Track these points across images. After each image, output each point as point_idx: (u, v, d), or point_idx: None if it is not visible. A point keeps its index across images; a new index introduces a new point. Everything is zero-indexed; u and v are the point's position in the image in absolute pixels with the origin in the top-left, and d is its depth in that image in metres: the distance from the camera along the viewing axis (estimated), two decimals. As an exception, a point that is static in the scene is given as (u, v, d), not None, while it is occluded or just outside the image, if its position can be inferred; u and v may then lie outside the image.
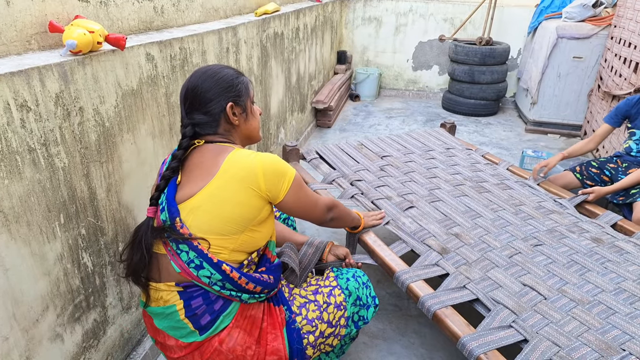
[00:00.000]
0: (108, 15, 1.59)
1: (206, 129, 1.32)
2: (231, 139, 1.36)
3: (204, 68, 1.34)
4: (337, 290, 1.50)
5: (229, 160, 1.26)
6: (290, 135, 3.80)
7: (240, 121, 1.35)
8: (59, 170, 1.28)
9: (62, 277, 1.34)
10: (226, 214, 1.25)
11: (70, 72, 1.26)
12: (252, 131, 1.42)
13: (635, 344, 1.33)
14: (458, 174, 2.42)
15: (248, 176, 1.25)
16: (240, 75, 1.36)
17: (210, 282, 1.24)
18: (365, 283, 1.58)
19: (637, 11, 3.61)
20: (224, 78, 1.32)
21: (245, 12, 2.87)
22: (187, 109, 1.31)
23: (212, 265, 1.23)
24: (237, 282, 1.26)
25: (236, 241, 1.28)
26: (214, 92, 1.30)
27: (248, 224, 1.28)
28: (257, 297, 1.33)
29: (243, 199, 1.25)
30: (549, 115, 4.70)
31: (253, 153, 1.29)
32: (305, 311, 1.42)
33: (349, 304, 1.50)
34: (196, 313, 1.25)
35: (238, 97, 1.33)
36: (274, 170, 1.29)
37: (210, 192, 1.24)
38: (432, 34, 5.71)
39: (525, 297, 1.52)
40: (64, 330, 1.37)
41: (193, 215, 1.24)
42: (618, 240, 1.88)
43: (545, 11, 4.94)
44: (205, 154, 1.30)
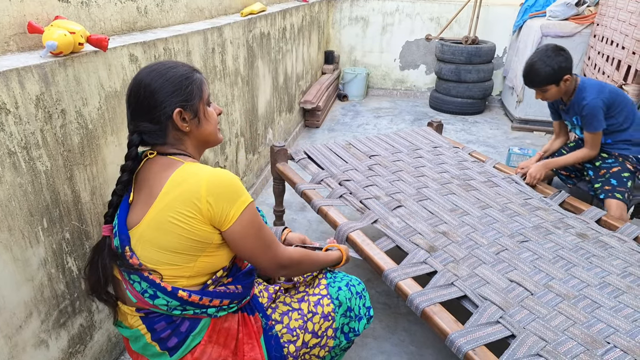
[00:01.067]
0: (90, 15, 1.57)
1: (153, 138, 1.18)
2: (182, 148, 1.21)
3: (154, 65, 1.20)
4: (326, 299, 1.39)
5: (172, 179, 1.12)
6: (279, 135, 3.79)
7: (191, 127, 1.20)
8: (41, 174, 1.26)
9: (47, 282, 1.33)
10: (169, 245, 1.13)
11: (50, 73, 1.25)
12: (208, 136, 1.26)
13: (619, 336, 1.35)
14: (445, 172, 2.43)
15: (189, 200, 1.10)
16: (192, 73, 1.21)
17: (168, 308, 1.17)
18: (359, 293, 1.47)
19: (618, 9, 3.66)
20: (172, 78, 1.16)
21: (231, 12, 2.86)
22: (131, 113, 1.18)
23: (167, 294, 1.14)
24: (198, 303, 1.17)
25: (192, 269, 1.17)
26: (160, 96, 1.14)
27: (200, 252, 1.16)
28: (226, 308, 1.24)
29: (185, 227, 1.11)
30: (535, 113, 4.74)
31: (202, 171, 1.14)
32: (287, 319, 1.35)
33: (339, 315, 1.40)
34: (162, 337, 1.19)
35: (188, 101, 1.17)
36: (222, 192, 1.12)
37: (151, 220, 1.12)
38: (418, 34, 5.74)
39: (512, 293, 1.53)
40: (49, 336, 1.35)
41: (141, 245, 1.14)
42: (602, 235, 1.91)
43: (529, 10, 4.99)
44: (152, 169, 1.18)
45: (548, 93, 2.34)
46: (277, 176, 2.49)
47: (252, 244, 1.20)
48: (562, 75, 2.27)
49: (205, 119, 1.23)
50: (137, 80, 1.16)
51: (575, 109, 2.41)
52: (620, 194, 2.26)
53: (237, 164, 2.81)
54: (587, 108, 2.30)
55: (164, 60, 1.33)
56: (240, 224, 1.15)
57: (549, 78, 2.27)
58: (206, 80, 1.26)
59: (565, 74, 2.28)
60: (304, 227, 2.85)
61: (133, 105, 1.16)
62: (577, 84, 2.38)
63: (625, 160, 2.38)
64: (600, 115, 2.30)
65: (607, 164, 2.41)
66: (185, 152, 1.22)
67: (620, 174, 2.33)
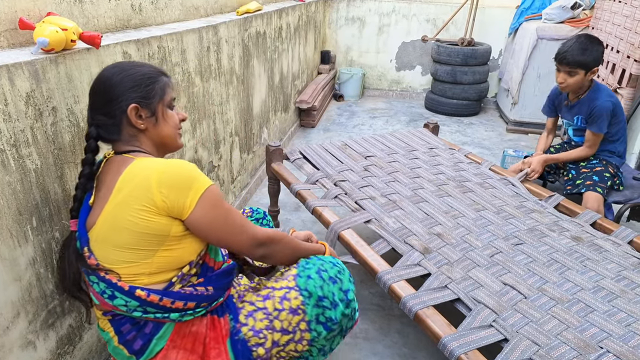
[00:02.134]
0: (83, 12, 1.55)
1: (109, 133, 1.17)
2: (137, 145, 1.20)
3: (121, 62, 1.21)
4: (293, 292, 1.29)
5: (125, 175, 1.11)
6: (274, 135, 3.78)
7: (147, 125, 1.19)
8: (30, 172, 1.24)
9: (35, 282, 1.31)
10: (124, 241, 1.11)
11: (42, 70, 1.23)
12: (165, 138, 1.24)
13: (612, 341, 1.35)
14: (441, 173, 2.42)
15: (141, 193, 1.08)
16: (158, 75, 1.20)
17: (128, 309, 1.14)
18: (333, 277, 1.32)
19: (613, 13, 3.67)
20: (134, 75, 1.16)
21: (226, 11, 2.84)
22: (90, 106, 1.18)
23: (124, 294, 1.12)
24: (158, 304, 1.14)
25: (150, 265, 1.14)
26: (117, 90, 1.14)
27: (157, 247, 1.13)
28: (191, 313, 1.19)
29: (139, 222, 1.09)
30: (530, 115, 4.75)
31: (152, 163, 1.11)
32: (253, 321, 1.27)
33: (310, 307, 1.28)
34: (127, 339, 1.17)
35: (146, 99, 1.16)
36: (174, 181, 1.09)
37: (105, 218, 1.11)
38: (415, 35, 5.74)
39: (506, 297, 1.52)
40: (37, 337, 1.33)
41: (98, 245, 1.13)
42: (597, 238, 1.91)
43: (525, 12, 5.00)
44: (109, 169, 1.17)
45: (573, 78, 2.36)
46: (272, 176, 2.48)
47: (221, 228, 1.17)
48: (594, 66, 2.31)
49: (164, 119, 1.22)
50: (99, 75, 1.18)
51: (582, 108, 2.45)
52: (601, 188, 2.32)
53: (231, 163, 2.79)
54: (599, 108, 2.35)
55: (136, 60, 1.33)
56: (201, 210, 1.12)
57: (584, 63, 2.30)
58: (173, 86, 1.25)
59: (597, 65, 2.32)
60: (298, 228, 2.84)
61: (92, 98, 1.17)
62: (593, 84, 2.43)
63: (608, 164, 2.46)
64: (607, 118, 2.36)
65: (591, 164, 2.49)
66: (140, 148, 1.20)
67: (602, 173, 2.41)
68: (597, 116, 2.36)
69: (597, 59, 2.30)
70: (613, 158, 2.49)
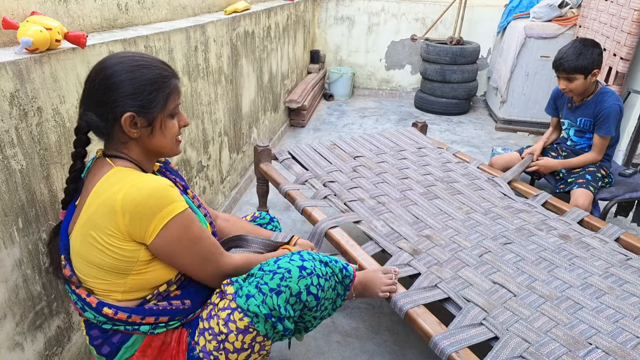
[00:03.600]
0: (68, 12, 1.53)
1: (98, 133, 1.11)
2: (124, 152, 1.12)
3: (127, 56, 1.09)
4: (237, 313, 1.15)
5: (96, 188, 1.05)
6: (263, 135, 3.76)
7: (141, 134, 1.10)
8: (16, 173, 1.22)
9: (22, 283, 1.29)
10: (94, 260, 1.06)
11: (26, 70, 1.21)
12: (158, 148, 1.16)
13: (601, 337, 1.36)
14: (429, 174, 2.43)
15: (106, 214, 1.02)
16: (165, 79, 1.10)
17: (97, 322, 1.12)
18: (274, 289, 1.15)
19: (600, 12, 3.71)
20: (137, 79, 1.06)
21: (214, 10, 2.82)
22: (83, 97, 1.10)
23: (92, 310, 1.10)
24: (127, 321, 1.10)
25: (124, 285, 1.10)
26: (116, 94, 1.05)
27: (127, 272, 1.08)
28: (163, 325, 1.16)
29: (105, 245, 1.04)
30: (518, 113, 4.79)
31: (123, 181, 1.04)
32: (203, 340, 1.19)
33: (260, 324, 1.15)
34: (96, 344, 1.16)
35: (145, 108, 1.07)
36: (139, 207, 1.01)
37: (77, 231, 1.07)
38: (404, 34, 5.75)
39: (495, 295, 1.53)
40: (24, 339, 1.31)
41: (74, 256, 1.10)
42: (584, 236, 1.92)
43: (513, 11, 5.03)
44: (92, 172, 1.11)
45: (573, 84, 2.36)
46: (261, 177, 2.47)
47: (185, 259, 1.10)
48: (593, 68, 2.31)
49: (160, 131, 1.13)
50: (100, 66, 1.08)
51: (588, 110, 2.45)
52: (592, 187, 2.34)
53: (220, 163, 2.78)
54: (608, 111, 2.35)
55: (145, 54, 1.17)
56: (162, 239, 1.05)
57: (581, 67, 2.30)
58: (180, 89, 1.17)
59: (596, 68, 2.31)
60: (288, 227, 2.83)
61: (86, 90, 1.10)
62: (599, 86, 2.43)
63: (601, 166, 2.48)
64: (615, 122, 2.36)
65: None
66: (126, 155, 1.13)
67: (595, 173, 2.42)
68: (606, 119, 2.36)
69: (595, 61, 2.30)
70: (606, 162, 2.51)
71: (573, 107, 2.53)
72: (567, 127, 2.63)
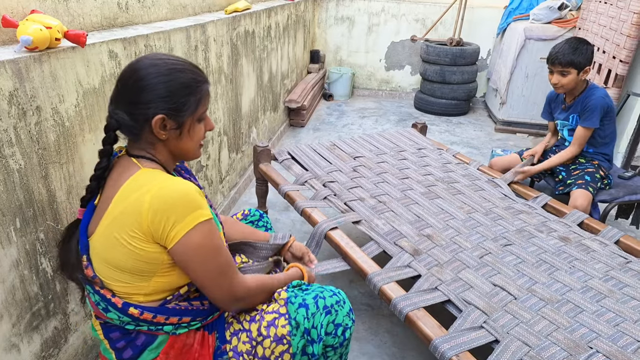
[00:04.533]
0: (68, 10, 1.52)
1: (126, 132, 1.10)
2: (152, 153, 1.13)
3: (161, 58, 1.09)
4: (282, 319, 1.18)
5: (123, 189, 1.04)
6: (263, 134, 3.75)
7: (169, 137, 1.11)
8: (14, 172, 1.21)
9: (19, 284, 1.28)
10: (118, 263, 1.06)
11: (25, 69, 1.20)
12: (184, 151, 1.16)
13: (601, 341, 1.35)
14: (430, 174, 2.43)
15: (132, 215, 1.02)
16: (198, 84, 1.11)
17: (121, 322, 1.12)
18: (327, 307, 1.21)
19: (599, 14, 3.71)
20: (171, 82, 1.06)
21: (214, 10, 2.81)
22: (114, 96, 1.10)
23: (117, 310, 1.09)
24: (152, 321, 1.11)
25: (146, 288, 1.10)
26: (147, 95, 1.05)
27: (151, 274, 1.08)
28: (186, 326, 1.16)
29: (129, 247, 1.04)
30: (518, 114, 4.79)
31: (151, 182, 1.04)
32: (236, 340, 1.20)
33: (297, 337, 1.17)
34: (117, 347, 1.14)
35: (177, 112, 1.08)
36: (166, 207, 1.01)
37: (101, 233, 1.06)
38: (404, 34, 5.75)
39: (496, 298, 1.53)
40: (21, 340, 1.30)
41: (95, 258, 1.09)
42: (585, 238, 1.92)
43: (513, 13, 5.03)
44: (116, 171, 1.11)
45: (566, 78, 2.39)
46: (260, 177, 2.46)
47: (202, 269, 1.08)
48: (585, 65, 2.35)
49: (188, 134, 1.14)
50: (134, 67, 1.08)
51: (578, 107, 2.48)
52: (592, 188, 2.35)
53: (219, 163, 2.77)
54: (592, 103, 2.40)
55: (178, 57, 1.17)
56: (183, 245, 1.04)
57: (576, 61, 2.34)
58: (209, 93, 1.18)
59: (588, 64, 2.36)
60: (288, 228, 2.82)
61: (119, 89, 1.09)
62: (588, 84, 2.48)
63: (600, 167, 2.49)
64: (599, 114, 2.40)
65: (583, 166, 2.52)
66: (153, 156, 1.13)
67: (594, 174, 2.43)
68: (590, 111, 2.40)
69: (588, 58, 2.35)
70: (604, 162, 2.52)
71: (566, 107, 2.56)
72: (560, 127, 2.65)
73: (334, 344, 1.25)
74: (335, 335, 1.23)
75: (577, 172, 2.47)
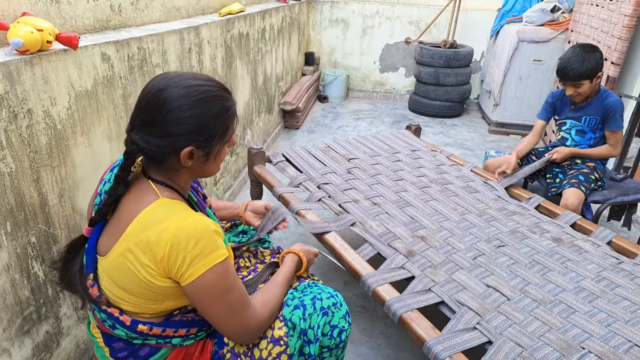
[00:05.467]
0: (60, 13, 1.52)
1: (149, 158, 1.06)
2: (172, 179, 1.11)
3: (190, 83, 1.03)
4: (277, 321, 1.20)
5: (139, 219, 1.01)
6: (258, 136, 3.75)
7: (195, 164, 1.08)
8: (4, 176, 1.21)
9: (9, 288, 1.27)
10: (131, 289, 1.05)
11: (16, 72, 1.19)
12: (206, 173, 1.15)
13: (594, 342, 1.36)
14: (424, 176, 2.43)
15: (149, 252, 1.00)
16: (227, 111, 1.07)
17: (128, 337, 1.11)
18: (324, 308, 1.22)
19: (591, 17, 3.73)
20: (203, 114, 1.02)
21: (208, 12, 2.81)
22: (137, 121, 1.04)
23: (126, 328, 1.08)
24: (161, 335, 1.11)
25: (156, 309, 1.10)
26: (179, 128, 1.01)
27: (164, 299, 1.08)
28: (193, 337, 1.17)
29: (143, 279, 1.02)
30: (511, 116, 4.81)
31: (170, 219, 1.00)
32: (233, 342, 1.20)
33: (294, 338, 1.19)
34: (119, 357, 1.14)
35: (207, 142, 1.05)
36: (183, 248, 0.99)
37: (114, 258, 1.04)
38: (398, 37, 5.76)
39: (489, 299, 1.53)
40: (12, 344, 1.29)
41: (104, 277, 1.08)
42: (577, 239, 1.93)
43: (506, 15, 5.06)
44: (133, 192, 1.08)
45: (581, 89, 2.40)
46: (255, 179, 2.46)
47: (213, 307, 1.07)
48: (597, 72, 2.36)
49: (214, 159, 1.11)
50: (163, 96, 1.01)
51: (592, 109, 2.49)
52: (584, 187, 2.36)
53: (214, 166, 2.76)
54: (614, 105, 2.42)
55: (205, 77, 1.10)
56: (196, 285, 1.02)
57: (585, 73, 2.34)
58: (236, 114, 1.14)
59: (599, 71, 2.36)
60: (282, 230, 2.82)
61: (144, 118, 1.03)
62: (600, 86, 2.49)
63: (595, 169, 2.50)
64: (623, 114, 2.43)
65: (578, 166, 2.54)
66: (173, 184, 1.11)
67: (588, 175, 2.45)
68: (615, 113, 2.42)
69: (598, 64, 2.34)
70: (600, 165, 2.54)
71: (577, 108, 2.56)
72: (568, 127, 2.64)
73: (330, 345, 1.26)
74: (331, 336, 1.24)
75: (572, 172, 2.49)
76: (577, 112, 2.55)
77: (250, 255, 1.58)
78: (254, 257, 1.58)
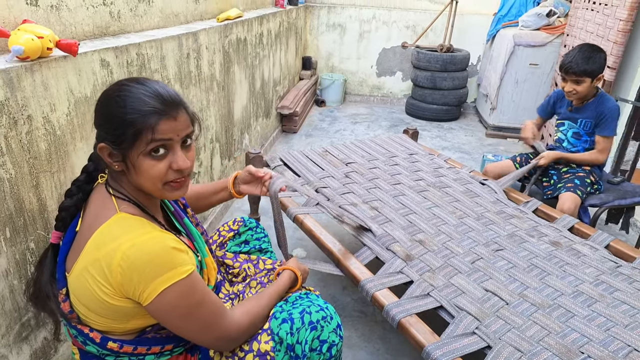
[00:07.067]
0: (60, 20, 1.52)
1: (95, 162, 1.10)
2: (123, 187, 1.08)
3: (122, 84, 1.03)
4: (264, 335, 1.16)
5: (95, 237, 0.98)
6: (255, 140, 3.76)
7: (123, 169, 1.03)
8: (4, 182, 1.20)
9: (8, 294, 1.27)
10: (94, 308, 1.01)
11: (16, 79, 1.20)
12: (144, 188, 1.05)
13: (593, 346, 1.36)
14: (421, 179, 2.44)
15: (102, 271, 0.96)
16: (141, 116, 0.97)
17: (100, 354, 1.09)
18: (313, 322, 1.17)
19: (586, 21, 3.76)
20: (108, 112, 1.00)
21: (206, 18, 2.82)
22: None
23: (96, 344, 1.06)
24: (133, 353, 1.07)
25: (124, 328, 1.06)
26: (96, 121, 1.04)
27: (129, 318, 1.04)
28: (168, 354, 1.13)
29: (101, 299, 0.99)
30: (508, 120, 4.83)
31: (123, 236, 0.96)
32: (219, 357, 1.17)
33: (280, 354, 1.14)
34: None
35: (116, 142, 0.99)
36: (136, 268, 0.94)
37: (75, 277, 1.01)
38: (395, 41, 5.79)
39: (488, 303, 1.53)
40: (9, 351, 1.29)
41: (72, 295, 1.05)
42: (575, 243, 1.94)
43: (502, 19, 5.09)
44: (94, 201, 1.07)
45: (580, 86, 2.40)
46: (253, 183, 2.46)
47: (181, 325, 1.03)
48: (599, 73, 2.37)
49: (134, 170, 1.02)
50: (108, 90, 1.06)
51: (589, 112, 2.50)
52: (580, 191, 2.38)
53: (212, 170, 2.76)
54: (609, 110, 2.42)
55: (148, 81, 1.06)
56: (156, 305, 0.98)
57: (589, 70, 2.35)
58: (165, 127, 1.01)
59: (602, 72, 2.37)
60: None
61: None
62: (599, 90, 2.51)
63: (591, 172, 2.52)
64: (616, 121, 2.43)
65: (574, 170, 2.55)
66: (125, 194, 1.07)
67: (584, 179, 2.46)
68: (608, 119, 2.42)
69: (601, 65, 2.36)
70: (596, 169, 2.54)
71: (574, 110, 2.57)
72: (566, 128, 2.65)
73: None
74: (320, 351, 1.18)
75: (568, 176, 2.50)
76: (574, 113, 2.57)
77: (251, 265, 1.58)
78: (255, 267, 1.57)
